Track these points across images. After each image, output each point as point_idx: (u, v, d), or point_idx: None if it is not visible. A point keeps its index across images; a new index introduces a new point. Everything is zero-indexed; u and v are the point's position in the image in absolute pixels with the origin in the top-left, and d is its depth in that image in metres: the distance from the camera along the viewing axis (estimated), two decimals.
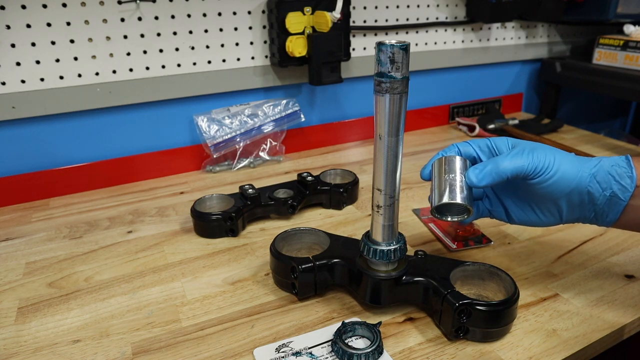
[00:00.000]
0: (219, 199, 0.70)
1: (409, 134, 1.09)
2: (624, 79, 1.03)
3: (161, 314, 0.52)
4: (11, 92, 0.74)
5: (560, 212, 0.48)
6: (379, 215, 0.47)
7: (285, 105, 0.92)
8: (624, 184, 0.44)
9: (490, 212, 0.52)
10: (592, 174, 0.45)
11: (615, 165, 0.45)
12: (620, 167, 0.45)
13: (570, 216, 0.48)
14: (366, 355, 0.43)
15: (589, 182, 0.45)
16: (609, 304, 0.52)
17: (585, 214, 0.47)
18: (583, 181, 0.45)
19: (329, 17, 0.83)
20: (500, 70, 1.22)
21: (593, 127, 1.33)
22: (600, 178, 0.45)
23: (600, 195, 0.45)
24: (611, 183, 0.45)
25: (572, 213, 0.47)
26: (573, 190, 0.45)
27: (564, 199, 0.46)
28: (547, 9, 1.07)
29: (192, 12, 0.82)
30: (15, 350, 0.47)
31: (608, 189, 0.45)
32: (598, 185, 0.45)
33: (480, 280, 0.51)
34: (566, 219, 0.48)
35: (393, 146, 0.43)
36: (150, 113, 0.86)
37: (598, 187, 0.45)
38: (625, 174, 0.45)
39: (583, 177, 0.45)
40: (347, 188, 0.74)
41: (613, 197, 0.45)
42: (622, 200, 0.45)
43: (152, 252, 0.64)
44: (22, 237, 0.68)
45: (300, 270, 0.51)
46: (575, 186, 0.45)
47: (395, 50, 0.39)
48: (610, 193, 0.45)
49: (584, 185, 0.45)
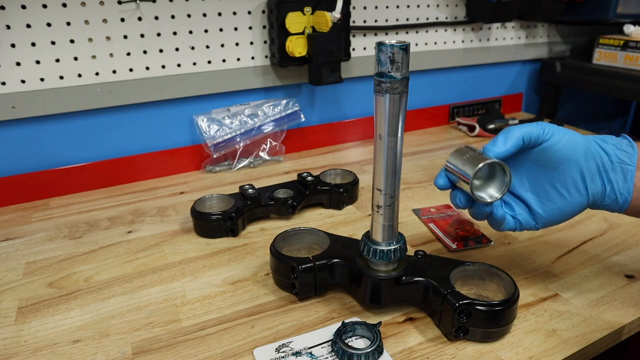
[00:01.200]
0: (219, 199, 0.70)
1: (409, 134, 1.09)
2: (624, 79, 1.03)
3: (161, 314, 0.52)
4: (11, 92, 0.74)
5: (584, 181, 0.46)
6: (379, 215, 0.47)
7: (285, 105, 0.92)
8: (626, 150, 0.46)
9: (515, 218, 0.49)
10: (595, 142, 0.47)
11: (610, 138, 0.47)
12: (614, 138, 0.47)
13: (594, 187, 0.46)
14: (366, 355, 0.43)
15: (596, 148, 0.46)
16: (609, 304, 0.52)
17: (604, 185, 0.46)
18: (591, 145, 0.46)
19: (329, 17, 0.83)
20: (500, 70, 1.22)
21: (593, 127, 1.34)
22: (604, 146, 0.46)
23: (609, 161, 0.46)
24: (615, 149, 0.46)
25: (593, 182, 0.46)
26: (587, 151, 0.46)
27: (582, 161, 0.46)
28: (547, 9, 1.07)
29: (192, 12, 0.82)
30: (15, 350, 0.47)
31: (613, 155, 0.46)
32: (604, 152, 0.46)
33: (480, 280, 0.51)
34: (592, 193, 0.46)
35: (393, 146, 0.43)
36: (150, 113, 0.86)
37: (604, 153, 0.46)
38: (622, 141, 0.47)
39: (589, 141, 0.46)
40: (347, 188, 0.74)
41: (621, 163, 0.46)
42: (630, 165, 0.45)
43: (152, 252, 0.64)
44: (22, 237, 0.68)
45: (300, 270, 0.51)
46: (587, 148, 0.46)
47: (395, 50, 0.39)
48: (617, 159, 0.46)
49: (594, 148, 0.46)
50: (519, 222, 0.49)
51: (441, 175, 0.49)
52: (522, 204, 0.50)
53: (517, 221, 0.49)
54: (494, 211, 0.47)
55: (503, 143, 0.45)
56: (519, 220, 0.49)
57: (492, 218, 0.48)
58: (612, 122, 1.56)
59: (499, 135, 0.46)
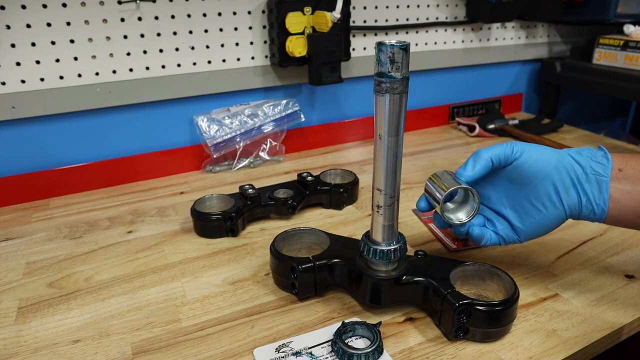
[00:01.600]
0: (219, 199, 0.70)
1: (409, 134, 1.09)
2: (624, 79, 1.03)
3: (161, 314, 0.52)
4: (11, 92, 0.74)
5: (558, 194, 0.47)
6: (379, 215, 0.47)
7: (285, 105, 0.92)
8: (600, 161, 0.47)
9: (498, 234, 0.52)
10: (569, 154, 0.48)
11: (585, 150, 0.49)
12: (590, 150, 0.49)
13: (568, 200, 0.48)
14: (366, 355, 0.43)
15: (570, 161, 0.48)
16: (609, 304, 0.52)
17: (580, 197, 0.47)
18: (564, 159, 0.48)
19: (329, 17, 0.83)
20: (500, 70, 1.22)
21: (593, 127, 1.33)
22: (578, 158, 0.48)
23: (583, 173, 0.47)
24: (589, 161, 0.47)
25: (568, 195, 0.47)
26: (558, 165, 0.47)
27: (555, 175, 0.47)
28: (547, 9, 1.07)
29: (192, 12, 0.82)
30: (15, 350, 0.47)
31: (588, 167, 0.47)
32: (578, 164, 0.47)
33: (480, 280, 0.51)
34: (567, 205, 0.48)
35: (393, 146, 0.43)
36: (150, 113, 0.86)
37: (578, 166, 0.47)
38: (597, 153, 0.48)
39: (562, 154, 0.48)
40: (347, 188, 0.74)
41: (595, 174, 0.47)
42: (604, 176, 0.46)
43: (152, 252, 0.64)
44: (22, 237, 0.68)
45: (300, 270, 0.51)
46: (559, 162, 0.47)
47: (395, 50, 0.39)
48: (591, 171, 0.47)
49: (567, 162, 0.47)
50: (502, 238, 0.52)
51: (422, 199, 0.53)
52: (504, 220, 0.52)
53: (499, 237, 0.52)
54: (470, 231, 0.51)
55: (472, 167, 0.49)
56: (502, 235, 0.52)
57: (470, 237, 0.51)
58: (612, 122, 1.56)
59: (469, 159, 0.50)
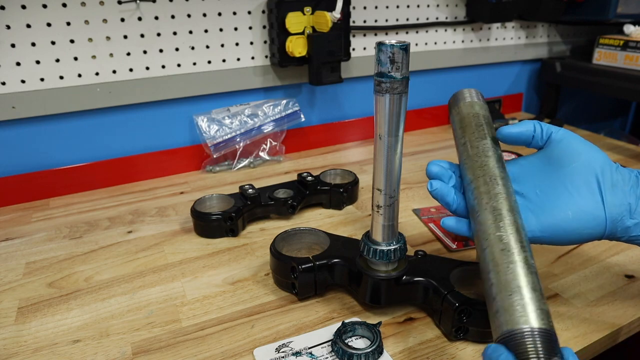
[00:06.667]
0: (219, 199, 0.70)
1: (409, 134, 1.09)
2: (624, 79, 1.03)
3: (161, 314, 0.52)
4: (11, 92, 0.74)
5: (599, 185, 0.40)
6: (379, 215, 0.47)
7: (285, 105, 0.92)
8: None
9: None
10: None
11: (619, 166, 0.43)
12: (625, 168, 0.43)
13: (613, 198, 0.40)
14: (366, 355, 0.43)
15: (616, 164, 0.42)
16: (609, 304, 0.52)
17: (627, 197, 0.39)
18: (609, 160, 0.42)
19: (329, 17, 0.83)
20: (500, 70, 1.22)
21: (593, 127, 1.34)
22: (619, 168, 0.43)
23: (634, 177, 0.41)
24: (629, 170, 0.42)
25: (613, 193, 0.40)
26: (605, 158, 0.41)
27: (600, 162, 0.41)
28: (547, 9, 1.07)
29: (192, 12, 0.82)
30: (15, 350, 0.47)
31: (633, 171, 0.42)
32: (625, 168, 0.42)
33: (480, 280, 0.51)
34: (609, 203, 0.40)
35: (393, 146, 0.43)
36: (150, 113, 0.86)
37: (621, 168, 0.42)
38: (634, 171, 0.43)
39: (605, 155, 0.42)
40: (347, 188, 0.74)
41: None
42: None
43: (152, 252, 0.64)
44: (22, 237, 0.68)
45: (300, 270, 0.51)
46: (605, 156, 0.42)
47: (395, 50, 0.39)
48: (636, 174, 0.42)
49: (614, 164, 0.42)
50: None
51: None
52: (527, 209, 0.45)
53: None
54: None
55: (517, 126, 0.44)
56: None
57: None
58: (612, 122, 1.56)
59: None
